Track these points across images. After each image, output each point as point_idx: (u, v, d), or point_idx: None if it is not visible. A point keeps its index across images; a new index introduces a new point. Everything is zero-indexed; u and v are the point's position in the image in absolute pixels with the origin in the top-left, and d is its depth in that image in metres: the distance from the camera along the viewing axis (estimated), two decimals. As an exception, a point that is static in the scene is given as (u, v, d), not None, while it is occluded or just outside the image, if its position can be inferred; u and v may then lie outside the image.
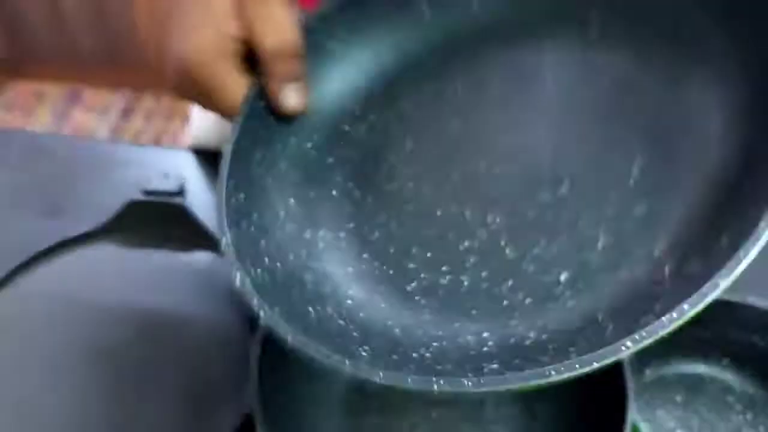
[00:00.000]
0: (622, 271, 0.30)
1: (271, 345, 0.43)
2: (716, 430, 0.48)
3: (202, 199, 0.60)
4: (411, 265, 0.35)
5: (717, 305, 0.47)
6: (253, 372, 0.41)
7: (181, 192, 0.58)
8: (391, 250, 0.36)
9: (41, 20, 1.80)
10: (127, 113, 1.96)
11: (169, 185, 0.58)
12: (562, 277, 0.31)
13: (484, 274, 0.33)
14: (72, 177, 0.63)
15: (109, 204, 0.58)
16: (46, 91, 1.99)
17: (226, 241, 0.32)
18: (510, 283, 0.33)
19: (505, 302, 0.32)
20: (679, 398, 0.49)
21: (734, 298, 0.48)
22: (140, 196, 0.57)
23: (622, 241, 0.31)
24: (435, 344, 0.31)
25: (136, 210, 0.57)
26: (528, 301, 0.32)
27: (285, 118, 0.38)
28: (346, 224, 0.37)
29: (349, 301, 0.34)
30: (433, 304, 0.33)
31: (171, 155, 0.66)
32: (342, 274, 0.35)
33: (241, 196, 0.35)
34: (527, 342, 0.30)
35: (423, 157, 0.38)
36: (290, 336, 0.28)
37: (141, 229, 0.57)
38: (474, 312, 0.32)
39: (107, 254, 0.57)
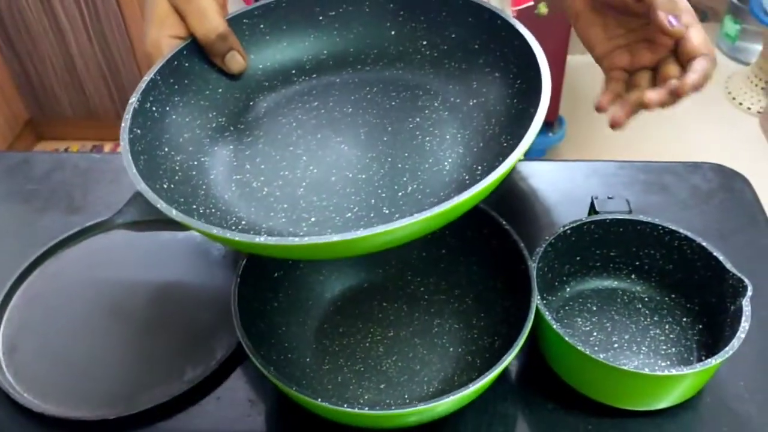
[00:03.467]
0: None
1: (249, 278, 0.54)
2: (627, 330, 0.57)
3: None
4: (265, 189, 0.47)
5: (620, 226, 0.58)
6: (234, 299, 0.52)
7: (178, 183, 0.70)
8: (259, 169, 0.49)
9: (59, 82, 1.97)
10: (143, 163, 2.11)
11: (168, 178, 0.70)
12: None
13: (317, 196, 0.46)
14: (89, 183, 0.75)
15: (118, 201, 0.70)
16: (70, 149, 2.15)
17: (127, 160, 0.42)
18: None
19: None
20: (594, 308, 0.59)
21: (629, 217, 0.58)
22: (145, 188, 0.69)
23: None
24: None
25: (141, 199, 0.69)
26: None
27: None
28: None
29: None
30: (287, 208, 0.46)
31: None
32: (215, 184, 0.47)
33: (138, 131, 0.45)
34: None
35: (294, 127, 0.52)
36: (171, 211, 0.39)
37: (146, 216, 0.69)
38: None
39: (119, 237, 0.68)
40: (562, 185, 0.72)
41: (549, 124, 1.79)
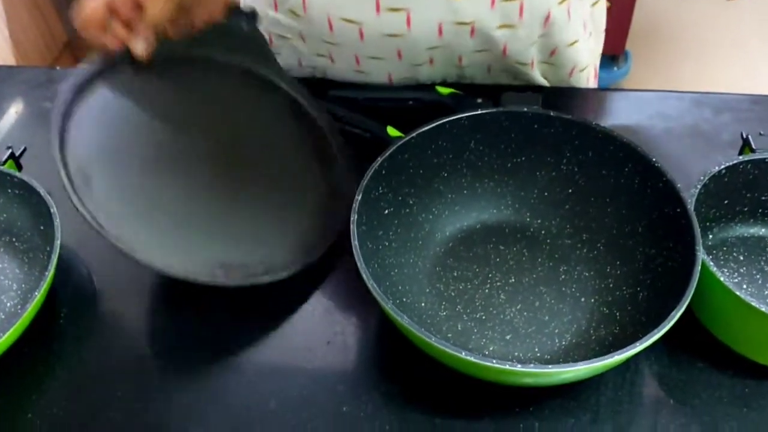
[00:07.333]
0: None
1: (363, 215, 0.48)
2: (779, 283, 0.51)
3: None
4: None
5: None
6: (354, 237, 0.46)
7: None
8: None
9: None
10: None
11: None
12: None
13: None
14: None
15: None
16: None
17: None
18: None
19: None
20: (741, 257, 0.53)
21: (790, 158, 0.51)
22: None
23: None
24: None
25: None
26: None
27: None
28: None
29: None
30: None
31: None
32: None
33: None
34: None
35: None
36: None
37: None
38: None
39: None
40: (687, 120, 0.64)
41: (614, 58, 1.69)
